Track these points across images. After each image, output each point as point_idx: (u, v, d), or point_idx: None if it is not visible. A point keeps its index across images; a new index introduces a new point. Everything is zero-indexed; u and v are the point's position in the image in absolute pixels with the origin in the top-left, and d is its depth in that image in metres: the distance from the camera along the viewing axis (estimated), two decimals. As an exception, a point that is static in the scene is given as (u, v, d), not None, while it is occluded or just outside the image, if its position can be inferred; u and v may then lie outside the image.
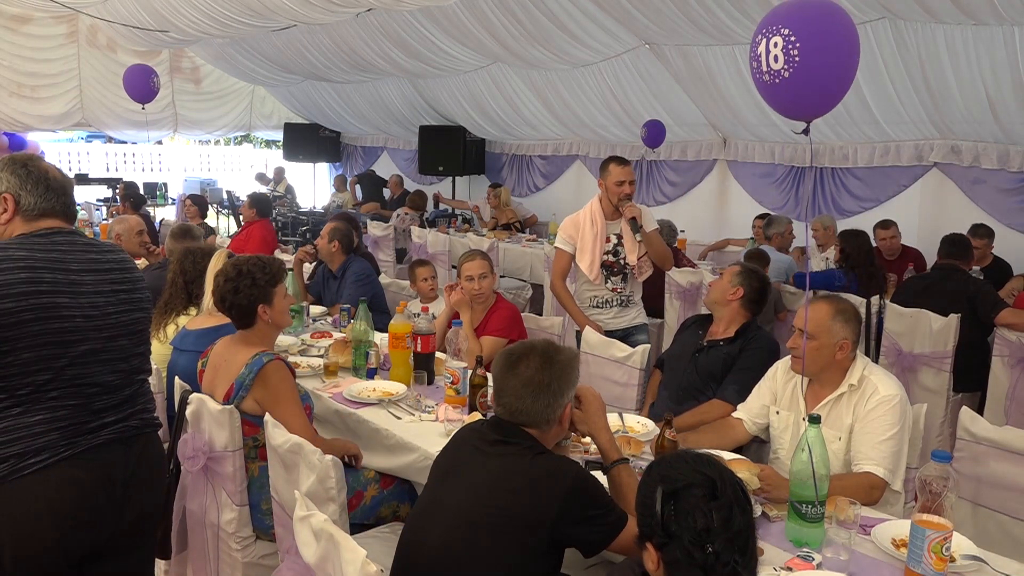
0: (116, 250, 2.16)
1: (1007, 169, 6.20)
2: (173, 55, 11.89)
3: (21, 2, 9.34)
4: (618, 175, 3.95)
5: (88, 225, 8.34)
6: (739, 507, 1.50)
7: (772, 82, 2.53)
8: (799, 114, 2.61)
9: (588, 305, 4.12)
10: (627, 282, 4.09)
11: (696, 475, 1.51)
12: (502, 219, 9.19)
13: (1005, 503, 2.51)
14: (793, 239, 6.41)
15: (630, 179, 3.95)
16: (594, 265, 4.00)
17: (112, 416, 2.00)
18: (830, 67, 2.49)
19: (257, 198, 7.05)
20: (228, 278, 2.68)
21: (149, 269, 4.34)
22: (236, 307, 2.68)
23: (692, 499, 1.49)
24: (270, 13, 6.92)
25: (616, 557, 2.03)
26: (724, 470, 1.55)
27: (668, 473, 1.54)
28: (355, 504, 2.67)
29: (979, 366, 4.51)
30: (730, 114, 7.64)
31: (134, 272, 2.16)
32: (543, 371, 2.00)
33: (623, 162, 4.00)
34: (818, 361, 2.55)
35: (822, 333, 2.53)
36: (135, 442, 2.06)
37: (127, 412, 2.05)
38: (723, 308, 3.28)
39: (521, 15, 7.13)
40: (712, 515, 1.47)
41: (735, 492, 1.51)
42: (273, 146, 17.23)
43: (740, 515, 1.49)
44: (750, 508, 1.54)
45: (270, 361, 2.59)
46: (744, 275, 3.29)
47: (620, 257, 4.04)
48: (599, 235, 4.01)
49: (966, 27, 5.34)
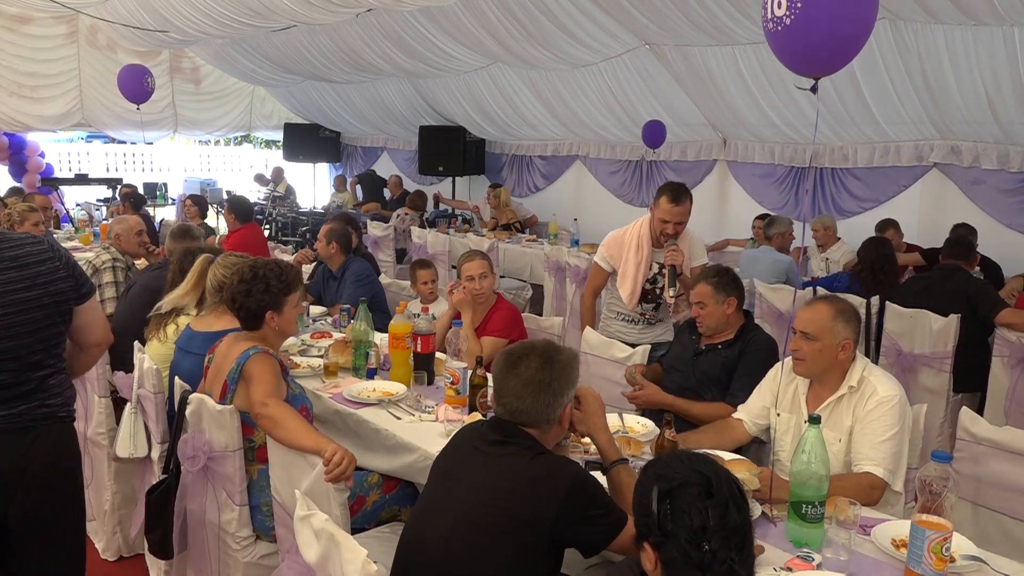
0: (19, 244, 2.08)
1: (1007, 169, 6.20)
2: (173, 55, 11.90)
3: (21, 2, 9.34)
4: (664, 213, 3.65)
5: (88, 225, 8.34)
6: (735, 505, 1.50)
7: (775, 30, 2.35)
8: (804, 68, 2.40)
9: (614, 317, 4.02)
10: (658, 310, 3.97)
11: (691, 474, 1.52)
12: (502, 219, 9.19)
13: (1005, 503, 2.51)
14: (793, 239, 6.41)
15: (677, 220, 3.63)
16: (634, 295, 3.84)
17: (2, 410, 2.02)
18: (837, 15, 2.25)
19: (235, 202, 6.75)
20: (243, 279, 2.67)
21: (149, 269, 4.33)
22: (245, 309, 2.68)
23: (688, 498, 1.49)
24: (270, 13, 6.91)
25: (616, 557, 2.03)
26: (719, 468, 1.55)
27: (664, 472, 1.54)
28: (356, 509, 2.67)
29: (979, 366, 4.51)
30: (730, 114, 7.65)
31: (37, 267, 2.08)
32: (543, 371, 2.00)
33: (676, 200, 3.63)
34: (821, 362, 2.54)
35: (824, 334, 2.51)
36: (26, 434, 2.07)
37: (20, 407, 2.06)
38: (724, 325, 3.22)
39: (521, 15, 7.13)
40: (708, 513, 1.47)
41: (731, 490, 1.51)
42: (273, 146, 17.24)
43: (736, 513, 1.49)
44: (746, 506, 1.54)
45: (256, 352, 2.58)
46: (725, 283, 3.19)
47: (658, 286, 3.86)
48: (643, 263, 3.81)
49: (966, 27, 5.35)
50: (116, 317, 4.18)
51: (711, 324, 3.21)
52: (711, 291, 3.17)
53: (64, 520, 2.21)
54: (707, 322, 3.21)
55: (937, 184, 6.72)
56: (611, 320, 4.05)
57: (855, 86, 6.35)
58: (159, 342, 3.37)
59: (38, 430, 2.10)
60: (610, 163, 9.40)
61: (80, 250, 6.99)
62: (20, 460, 2.05)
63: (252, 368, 2.54)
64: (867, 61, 6.07)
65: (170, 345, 3.28)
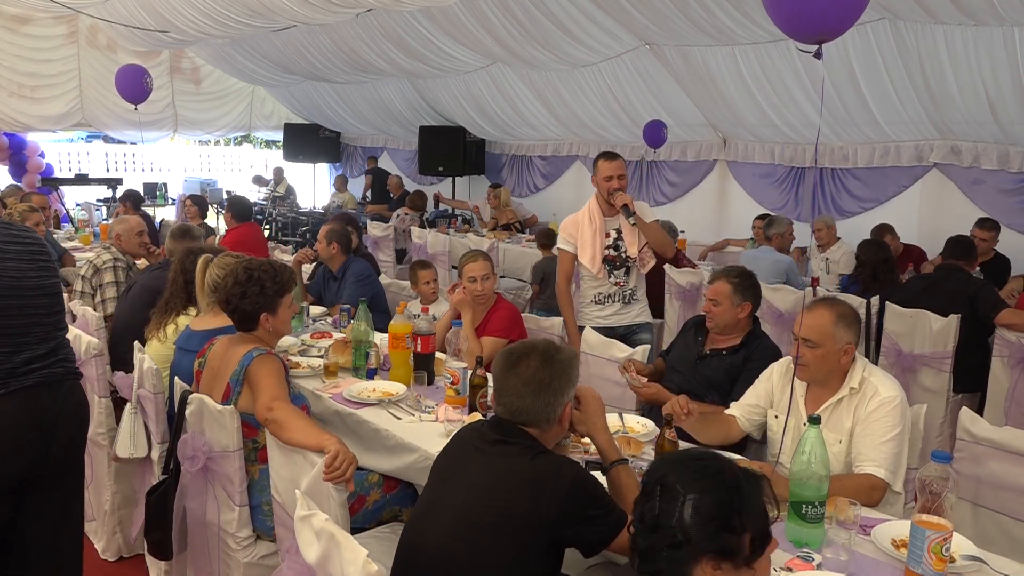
0: (31, 230, 2.44)
1: (1007, 169, 6.21)
2: (173, 55, 11.90)
3: (21, 2, 9.34)
4: (606, 170, 3.97)
5: (88, 225, 8.33)
6: (662, 501, 1.50)
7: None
8: (803, 33, 2.28)
9: (591, 302, 4.13)
10: (630, 275, 4.11)
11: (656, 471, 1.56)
12: (502, 219, 9.19)
13: (1005, 503, 2.51)
14: (793, 239, 6.41)
15: (618, 173, 3.96)
16: (596, 259, 4.03)
17: (38, 364, 2.25)
18: None
19: (234, 202, 6.83)
20: (238, 281, 2.66)
21: (149, 269, 4.33)
22: (239, 311, 2.67)
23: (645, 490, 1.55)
24: (270, 13, 6.91)
25: (616, 557, 2.03)
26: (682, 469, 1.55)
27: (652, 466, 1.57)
28: (357, 508, 2.67)
29: (979, 366, 4.51)
30: (730, 114, 7.65)
31: (45, 247, 2.40)
32: (543, 370, 2.00)
33: (611, 157, 4.02)
34: (823, 368, 2.53)
35: (827, 340, 2.49)
36: (60, 387, 2.31)
37: (51, 361, 2.29)
38: (733, 327, 3.20)
39: (521, 15, 7.13)
40: (643, 507, 1.53)
41: (666, 488, 1.51)
42: (273, 146, 17.24)
43: (658, 508, 1.50)
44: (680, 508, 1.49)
45: (260, 354, 2.58)
46: (745, 287, 3.17)
47: (621, 251, 4.06)
48: (598, 231, 4.04)
49: (966, 27, 5.35)
50: (116, 317, 4.18)
51: (720, 323, 3.18)
52: (729, 291, 3.16)
53: (80, 468, 2.47)
54: (716, 320, 3.18)
55: (937, 184, 6.72)
56: (586, 306, 4.14)
57: (855, 86, 6.35)
58: (159, 342, 3.37)
59: (67, 384, 2.34)
60: (610, 163, 9.39)
61: (80, 250, 6.99)
62: (56, 411, 2.27)
63: (256, 371, 2.53)
64: (867, 61, 6.07)
65: (170, 345, 3.28)
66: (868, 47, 5.96)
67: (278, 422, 2.35)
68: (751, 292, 3.18)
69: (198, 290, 3.27)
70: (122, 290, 4.55)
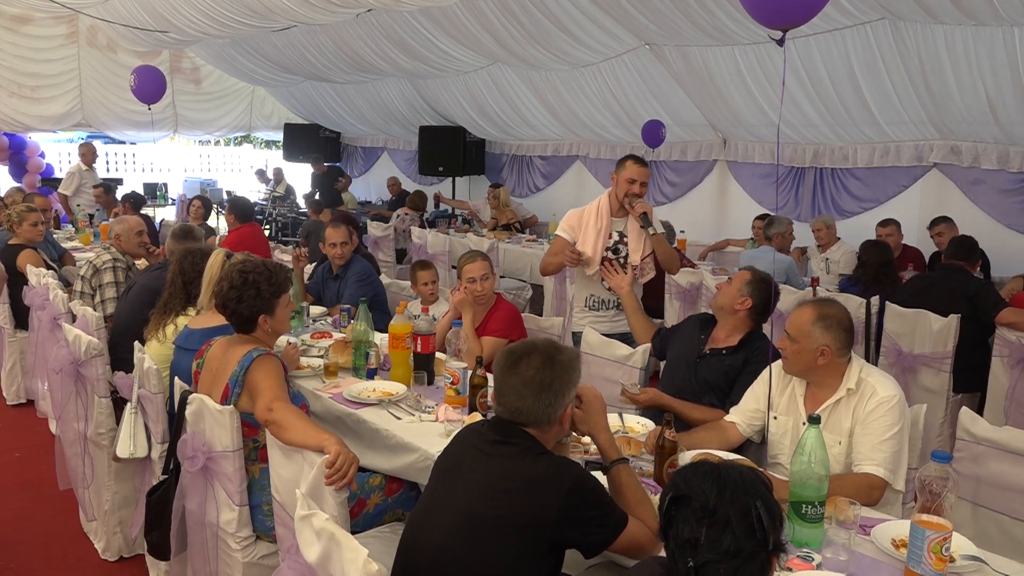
0: None
1: (1007, 170, 6.21)
2: (173, 55, 11.91)
3: (21, 2, 9.35)
4: (632, 173, 3.88)
5: (87, 225, 8.33)
6: (741, 532, 1.43)
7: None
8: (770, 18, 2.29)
9: (584, 307, 4.06)
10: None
11: (701, 488, 1.48)
12: (502, 219, 9.19)
13: (1005, 503, 2.51)
14: (793, 240, 6.41)
15: (643, 180, 3.88)
16: (595, 259, 3.94)
17: None
18: None
19: (236, 203, 6.80)
20: (233, 285, 2.66)
21: (149, 270, 4.33)
22: (237, 315, 2.68)
23: (687, 510, 1.47)
24: (270, 13, 6.92)
25: (616, 557, 2.03)
26: (740, 491, 1.47)
27: (683, 478, 1.52)
28: (357, 512, 2.67)
29: (979, 366, 4.51)
30: (730, 114, 7.65)
31: None
32: (544, 370, 1.99)
33: (641, 162, 3.93)
34: (799, 364, 2.58)
35: (802, 337, 2.53)
36: None
37: None
38: (729, 316, 3.19)
39: (521, 15, 7.13)
40: (701, 531, 1.44)
41: (741, 516, 1.44)
42: (273, 146, 17.24)
43: (736, 540, 1.43)
44: (764, 536, 1.45)
45: (260, 355, 2.58)
46: (755, 285, 3.17)
47: (621, 256, 3.98)
48: (603, 230, 3.95)
49: (966, 27, 5.35)
50: (116, 317, 4.18)
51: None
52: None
53: None
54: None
55: (937, 184, 6.72)
56: (580, 312, 4.07)
57: (855, 86, 6.35)
58: (159, 342, 3.38)
59: None
60: (610, 163, 9.38)
61: (80, 250, 6.99)
62: None
63: (256, 373, 2.54)
64: (867, 61, 6.07)
65: (170, 345, 3.28)
66: (868, 47, 5.96)
67: (278, 423, 2.35)
68: (756, 292, 3.14)
69: (205, 285, 3.27)
70: (122, 290, 4.55)
